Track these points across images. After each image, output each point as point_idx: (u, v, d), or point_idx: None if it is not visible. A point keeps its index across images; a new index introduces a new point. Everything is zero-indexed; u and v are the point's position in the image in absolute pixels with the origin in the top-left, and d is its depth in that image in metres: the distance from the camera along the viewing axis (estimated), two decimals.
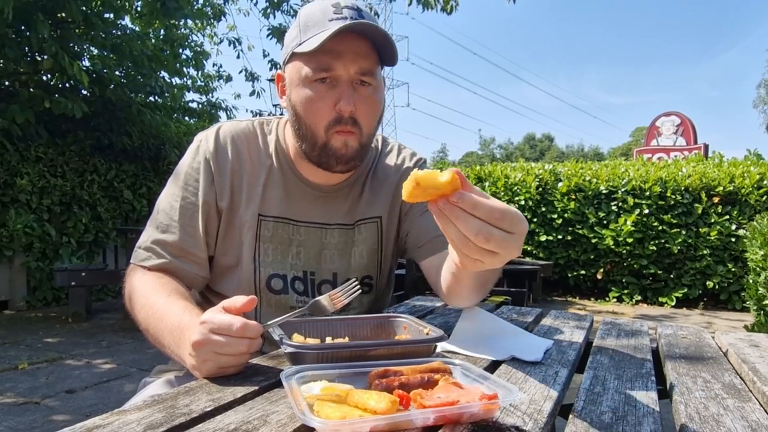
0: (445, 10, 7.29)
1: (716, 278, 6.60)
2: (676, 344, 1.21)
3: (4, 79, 6.03)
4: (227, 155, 1.19)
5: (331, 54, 1.05)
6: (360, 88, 1.09)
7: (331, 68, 1.06)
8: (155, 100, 7.42)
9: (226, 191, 1.18)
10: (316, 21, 1.07)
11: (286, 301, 1.21)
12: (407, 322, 1.05)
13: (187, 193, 1.17)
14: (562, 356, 1.03)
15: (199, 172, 1.18)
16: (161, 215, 1.17)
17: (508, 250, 0.70)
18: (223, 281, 1.22)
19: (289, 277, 1.21)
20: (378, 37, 1.07)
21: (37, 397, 3.16)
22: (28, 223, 5.53)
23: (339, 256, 1.25)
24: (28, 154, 5.72)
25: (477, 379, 0.76)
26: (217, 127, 1.23)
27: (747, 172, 6.66)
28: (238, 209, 1.19)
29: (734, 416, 0.76)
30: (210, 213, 1.17)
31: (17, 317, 5.39)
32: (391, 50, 1.09)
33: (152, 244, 1.14)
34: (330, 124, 1.09)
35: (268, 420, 0.67)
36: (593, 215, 7.12)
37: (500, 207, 0.69)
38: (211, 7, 7.59)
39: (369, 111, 1.12)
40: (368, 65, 1.08)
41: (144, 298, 1.05)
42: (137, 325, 1.07)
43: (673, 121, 13.62)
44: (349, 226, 1.26)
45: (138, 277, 1.12)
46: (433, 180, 0.68)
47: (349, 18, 1.06)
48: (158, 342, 1.00)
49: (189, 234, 1.15)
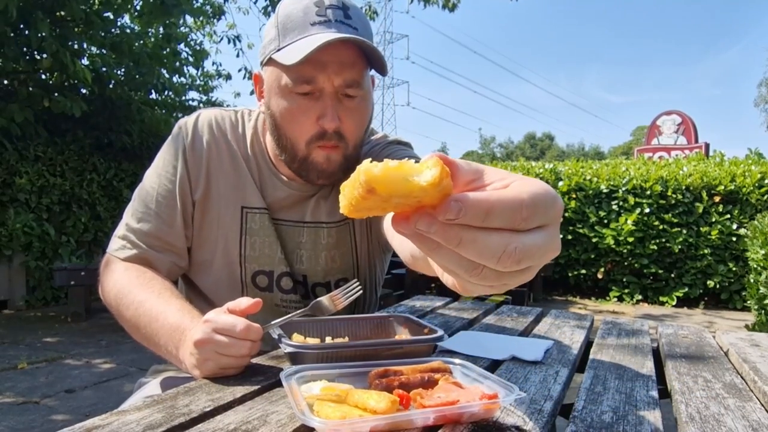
0: (447, 7, 7.29)
1: (717, 278, 6.60)
2: (676, 344, 1.21)
3: (3, 78, 6.03)
4: (203, 144, 1.14)
5: (314, 64, 0.97)
6: (345, 99, 1.02)
7: (314, 80, 0.99)
8: (156, 98, 7.42)
9: (201, 181, 1.13)
10: (297, 23, 0.99)
11: (271, 299, 1.16)
12: (407, 321, 1.04)
13: (165, 179, 1.13)
14: (562, 356, 1.03)
15: (177, 158, 1.13)
16: (137, 203, 1.14)
17: (547, 253, 0.44)
18: (202, 276, 1.18)
19: (276, 274, 1.16)
20: (364, 44, 0.99)
21: (37, 396, 3.15)
22: (27, 222, 5.54)
23: (308, 258, 1.18)
24: (27, 153, 5.72)
25: (477, 378, 0.76)
26: (197, 114, 1.18)
27: (748, 171, 6.66)
28: (215, 200, 1.14)
29: (735, 416, 0.76)
30: (186, 202, 1.13)
31: (16, 317, 5.39)
32: (379, 56, 1.01)
33: (127, 232, 1.11)
34: (312, 139, 1.03)
35: (268, 420, 0.67)
36: (594, 214, 7.12)
37: (526, 197, 0.41)
38: (210, 5, 7.58)
39: (355, 123, 1.04)
40: (354, 75, 1.00)
41: (131, 295, 1.02)
42: (121, 322, 1.05)
43: (674, 120, 13.61)
44: (319, 225, 1.18)
45: (119, 271, 1.08)
46: (402, 184, 0.39)
47: (333, 20, 0.98)
48: (151, 341, 0.98)
49: (165, 222, 1.11)
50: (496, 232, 0.41)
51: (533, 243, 0.42)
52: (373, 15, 9.05)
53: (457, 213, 0.39)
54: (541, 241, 0.43)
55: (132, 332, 1.03)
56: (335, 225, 1.19)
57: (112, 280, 1.08)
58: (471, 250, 0.41)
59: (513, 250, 0.41)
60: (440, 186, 0.39)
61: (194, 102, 8.61)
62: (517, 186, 0.42)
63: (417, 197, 0.40)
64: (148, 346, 1.00)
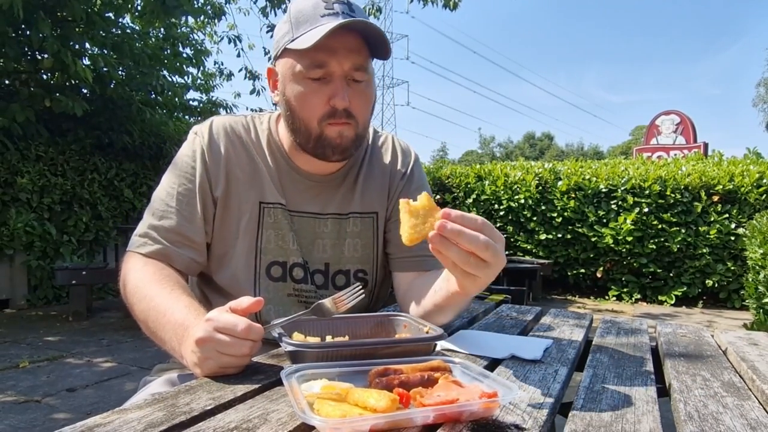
0: (448, 6, 7.29)
1: (716, 277, 6.60)
2: (675, 343, 1.21)
3: (5, 78, 6.03)
4: (221, 146, 1.21)
5: (324, 50, 1.06)
6: (353, 83, 1.11)
7: (325, 64, 1.08)
8: (156, 98, 7.42)
9: (221, 180, 1.20)
10: (308, 17, 1.09)
11: (283, 289, 1.22)
12: (407, 320, 1.05)
13: (184, 179, 1.19)
14: (561, 355, 1.03)
15: (195, 160, 1.20)
16: (157, 203, 1.18)
17: (499, 259, 0.82)
18: (219, 270, 1.23)
19: (289, 264, 1.22)
20: (370, 31, 1.09)
21: (38, 395, 3.16)
22: (29, 222, 5.54)
23: (331, 246, 1.26)
24: (28, 153, 5.72)
25: (477, 377, 0.76)
26: (211, 120, 1.25)
27: (746, 171, 6.66)
28: (235, 198, 1.21)
29: (733, 414, 0.77)
30: (206, 200, 1.19)
31: (18, 316, 5.39)
32: (384, 43, 1.11)
33: (148, 229, 1.15)
34: (323, 117, 1.11)
35: (269, 418, 0.68)
36: (593, 214, 7.12)
37: (479, 219, 0.81)
38: (211, 6, 7.58)
39: (362, 104, 1.14)
40: (360, 60, 1.10)
41: (144, 289, 1.05)
42: (133, 314, 1.06)
43: (673, 120, 13.60)
44: (342, 216, 1.27)
45: (137, 266, 1.11)
46: (422, 210, 0.84)
47: (340, 12, 1.08)
48: (157, 336, 1.00)
49: (186, 219, 1.16)
50: (476, 232, 0.79)
51: (493, 243, 0.80)
52: (376, 13, 9.07)
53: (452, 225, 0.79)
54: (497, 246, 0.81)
55: (142, 325, 1.05)
56: (360, 216, 1.28)
57: (131, 274, 1.10)
58: (465, 240, 0.79)
59: (485, 241, 0.79)
60: (428, 202, 0.85)
61: (195, 102, 8.61)
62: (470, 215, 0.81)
63: (430, 215, 0.84)
64: (155, 340, 1.02)
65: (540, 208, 7.47)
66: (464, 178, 8.24)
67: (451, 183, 8.36)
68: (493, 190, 7.84)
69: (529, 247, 7.59)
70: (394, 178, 1.32)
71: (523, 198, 7.51)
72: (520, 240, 7.66)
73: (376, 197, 1.30)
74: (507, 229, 7.75)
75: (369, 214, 1.29)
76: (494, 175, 7.97)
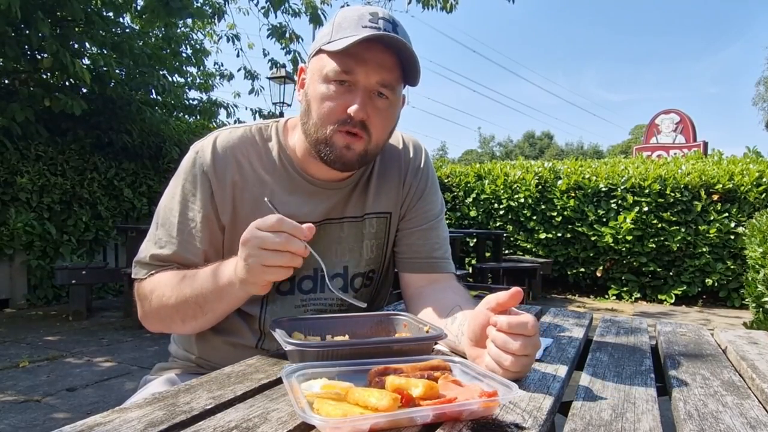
0: (445, 9, 7.27)
1: (715, 276, 6.61)
2: (675, 341, 1.22)
3: (4, 78, 6.02)
4: (226, 168, 1.15)
5: (356, 58, 1.05)
6: (376, 99, 1.08)
7: (353, 72, 1.06)
8: (156, 98, 7.42)
9: (227, 206, 1.14)
10: (350, 24, 1.07)
11: (291, 301, 1.19)
12: (407, 319, 1.05)
13: (185, 208, 1.14)
14: (561, 354, 1.03)
15: (196, 186, 1.14)
16: (160, 231, 1.14)
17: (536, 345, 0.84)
18: None
19: (298, 278, 1.19)
20: (406, 54, 1.07)
21: (38, 395, 3.16)
22: (29, 221, 5.54)
23: (350, 250, 1.24)
24: (28, 153, 5.72)
25: (476, 376, 0.76)
26: (213, 137, 1.18)
27: (746, 170, 6.67)
28: (243, 222, 1.13)
29: (733, 413, 0.77)
30: (213, 229, 1.14)
31: (18, 315, 5.39)
32: (416, 69, 1.09)
33: (150, 260, 1.13)
34: (336, 122, 1.08)
35: (269, 418, 0.68)
36: (593, 213, 7.12)
37: (530, 319, 0.82)
38: (211, 6, 7.57)
39: (381, 121, 1.10)
40: (390, 79, 1.08)
41: (170, 283, 1.07)
42: (168, 314, 1.07)
43: (673, 119, 13.60)
44: (359, 219, 1.25)
45: (151, 282, 1.11)
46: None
47: (383, 30, 1.06)
48: (199, 300, 1.03)
49: (187, 250, 1.13)
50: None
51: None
52: None
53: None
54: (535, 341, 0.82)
55: (182, 312, 1.06)
56: (376, 216, 1.26)
57: (148, 292, 1.10)
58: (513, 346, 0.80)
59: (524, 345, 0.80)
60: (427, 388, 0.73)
61: (194, 101, 8.60)
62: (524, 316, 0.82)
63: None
64: (194, 314, 1.05)
65: (540, 207, 7.48)
66: (464, 178, 8.24)
67: (451, 182, 8.36)
68: (493, 189, 7.84)
69: (528, 246, 7.60)
70: (408, 174, 1.30)
71: (523, 197, 7.51)
72: (520, 239, 7.67)
73: (391, 196, 1.28)
74: (507, 228, 7.76)
75: (383, 214, 1.27)
76: (494, 174, 7.97)
